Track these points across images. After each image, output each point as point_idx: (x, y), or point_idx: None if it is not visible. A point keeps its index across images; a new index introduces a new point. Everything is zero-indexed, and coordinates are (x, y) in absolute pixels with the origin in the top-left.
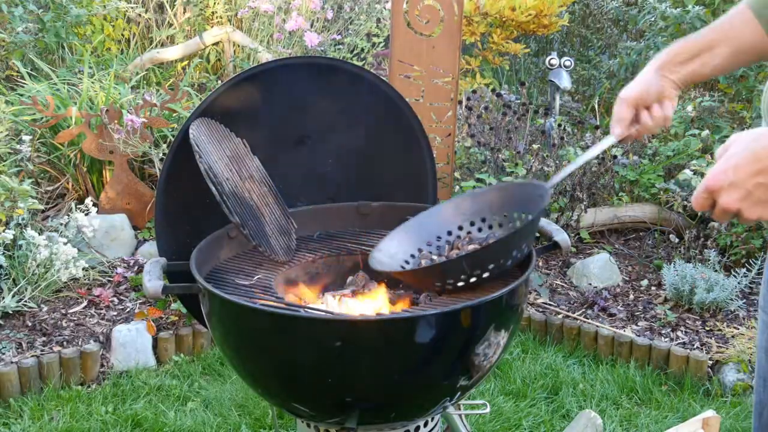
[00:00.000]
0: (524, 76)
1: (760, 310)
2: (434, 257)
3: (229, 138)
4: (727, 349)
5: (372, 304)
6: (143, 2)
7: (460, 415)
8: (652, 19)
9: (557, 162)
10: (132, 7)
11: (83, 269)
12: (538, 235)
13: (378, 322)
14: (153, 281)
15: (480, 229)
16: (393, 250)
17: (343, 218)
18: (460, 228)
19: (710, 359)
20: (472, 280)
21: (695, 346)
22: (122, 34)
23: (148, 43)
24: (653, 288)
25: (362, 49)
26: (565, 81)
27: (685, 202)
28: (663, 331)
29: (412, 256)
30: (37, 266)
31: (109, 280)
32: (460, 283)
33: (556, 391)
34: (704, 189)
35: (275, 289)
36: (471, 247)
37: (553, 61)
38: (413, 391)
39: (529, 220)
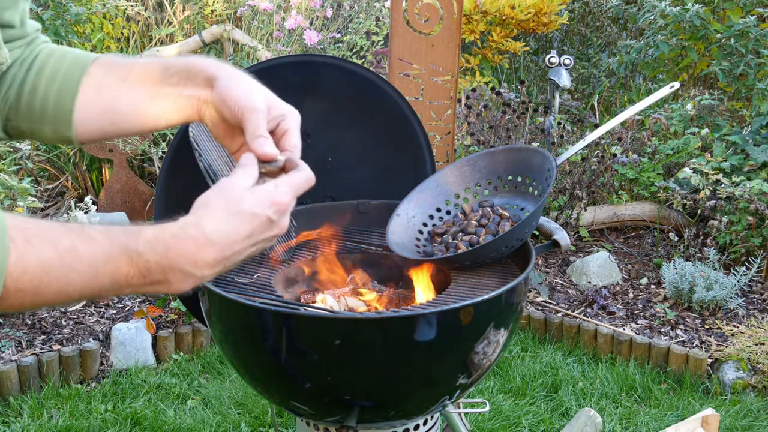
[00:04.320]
0: (524, 75)
1: None
2: (450, 235)
3: None
4: (726, 347)
5: (371, 302)
6: (142, 0)
7: (459, 414)
8: (652, 17)
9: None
10: (131, 5)
11: None
12: (537, 233)
13: (378, 320)
14: None
15: (486, 191)
16: (411, 213)
17: (342, 216)
18: (467, 190)
19: (710, 357)
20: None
21: (695, 345)
22: (122, 33)
23: (148, 41)
24: (653, 286)
25: (362, 48)
26: (564, 79)
27: (685, 201)
28: (662, 330)
29: (424, 224)
30: None
31: None
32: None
33: (555, 390)
34: None
35: (275, 287)
36: (506, 225)
37: (552, 60)
38: (413, 390)
39: (547, 192)
